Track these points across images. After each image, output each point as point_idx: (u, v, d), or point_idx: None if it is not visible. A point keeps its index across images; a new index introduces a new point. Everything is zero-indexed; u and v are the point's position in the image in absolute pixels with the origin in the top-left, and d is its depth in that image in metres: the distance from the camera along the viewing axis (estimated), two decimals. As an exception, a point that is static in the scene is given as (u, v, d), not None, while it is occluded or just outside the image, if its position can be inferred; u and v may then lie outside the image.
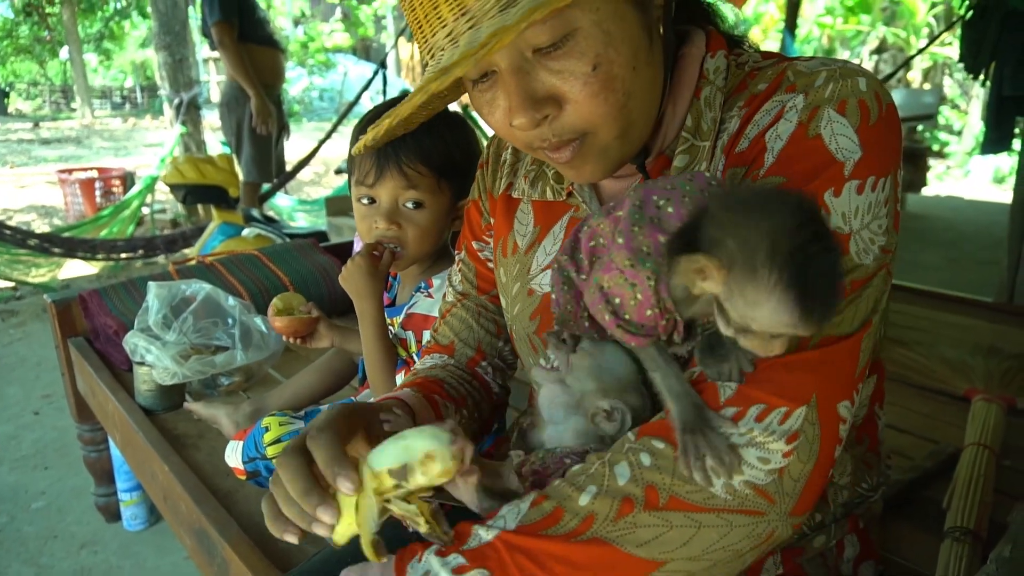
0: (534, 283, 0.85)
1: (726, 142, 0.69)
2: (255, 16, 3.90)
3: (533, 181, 0.86)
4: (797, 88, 0.65)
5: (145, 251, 4.18)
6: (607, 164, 0.70)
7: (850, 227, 0.61)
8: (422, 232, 1.14)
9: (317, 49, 15.70)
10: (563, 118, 0.64)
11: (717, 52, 0.73)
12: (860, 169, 0.62)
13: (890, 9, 11.72)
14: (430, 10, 0.62)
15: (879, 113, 0.63)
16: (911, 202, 6.60)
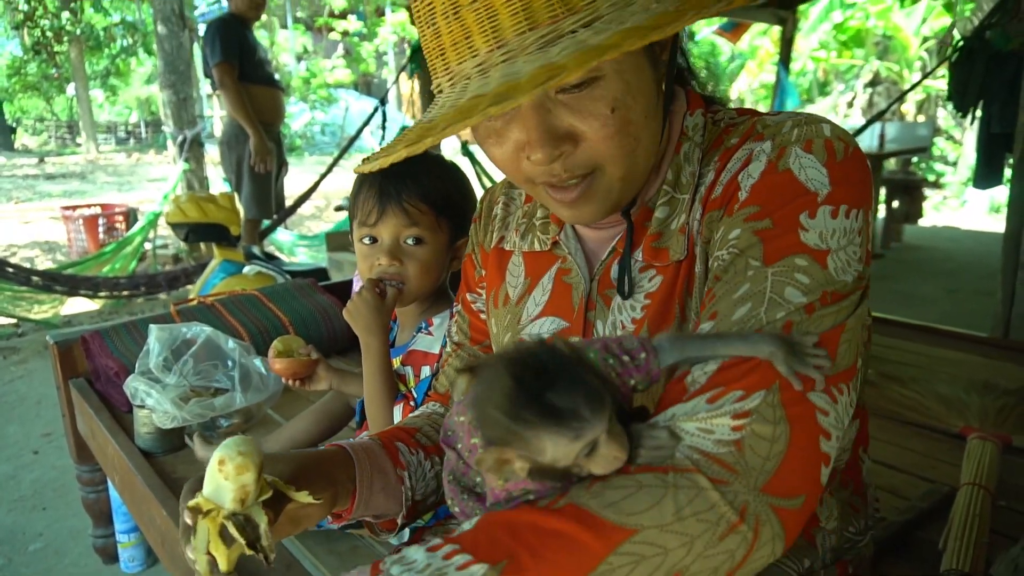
0: (524, 333, 0.87)
1: (703, 194, 0.72)
2: (256, 57, 3.98)
3: (524, 233, 0.89)
4: (765, 136, 0.69)
5: (147, 288, 4.21)
6: (607, 205, 0.72)
7: (827, 245, 0.63)
8: (423, 267, 1.17)
9: (319, 85, 15.94)
10: (577, 154, 0.67)
11: (696, 111, 0.77)
12: (833, 198, 0.64)
13: (883, 43, 11.92)
14: (460, 38, 0.63)
15: (845, 152, 0.66)
16: (908, 233, 6.65)
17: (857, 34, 12.01)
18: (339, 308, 2.12)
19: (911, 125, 7.03)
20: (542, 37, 0.59)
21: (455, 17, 0.62)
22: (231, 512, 0.64)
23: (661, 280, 0.74)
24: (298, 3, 18.04)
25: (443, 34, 0.64)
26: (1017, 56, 2.21)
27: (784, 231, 0.63)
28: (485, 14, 0.61)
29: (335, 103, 16.79)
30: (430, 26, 0.66)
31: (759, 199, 0.65)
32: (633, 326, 0.76)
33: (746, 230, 0.65)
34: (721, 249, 0.67)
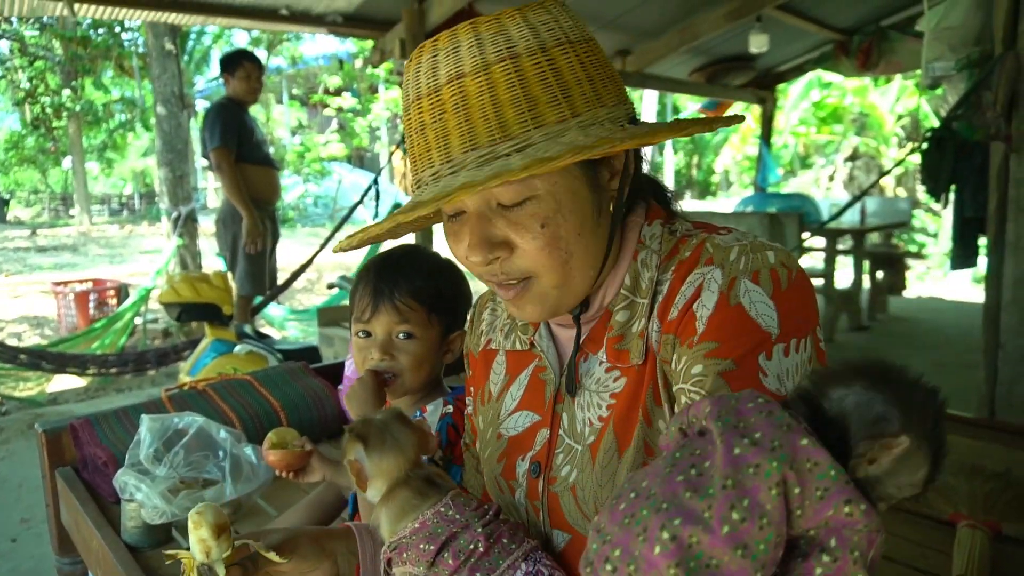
0: (503, 427, 0.92)
1: (660, 304, 0.77)
2: (254, 138, 4.11)
3: (507, 333, 0.96)
4: (714, 262, 0.74)
5: (136, 366, 4.19)
6: (545, 308, 0.79)
7: (785, 388, 0.67)
8: (414, 361, 1.21)
9: (313, 159, 16.26)
10: (512, 260, 0.75)
11: (654, 221, 0.83)
12: (784, 335, 0.69)
13: (860, 120, 12.37)
14: (423, 151, 0.74)
15: (789, 280, 0.71)
16: (894, 305, 6.75)
17: (835, 111, 12.50)
18: (331, 391, 2.13)
19: (891, 200, 7.25)
20: (481, 156, 0.69)
21: (421, 134, 0.74)
22: (199, 563, 0.81)
23: (625, 382, 0.79)
24: (294, 81, 18.60)
25: (414, 146, 0.76)
26: (983, 146, 2.32)
27: (748, 375, 0.68)
28: (441, 133, 0.72)
29: (328, 176, 17.10)
30: (409, 137, 0.77)
31: (717, 335, 0.70)
32: (600, 424, 0.80)
33: (710, 369, 0.69)
34: (686, 383, 0.71)
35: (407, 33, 4.59)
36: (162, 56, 6.05)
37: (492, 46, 0.70)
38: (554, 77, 0.70)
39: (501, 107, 0.69)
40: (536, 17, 0.72)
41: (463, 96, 0.70)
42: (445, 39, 0.72)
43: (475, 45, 0.70)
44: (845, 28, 6.31)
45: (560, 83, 0.70)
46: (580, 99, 0.71)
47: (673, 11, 5.44)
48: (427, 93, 0.72)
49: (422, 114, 0.73)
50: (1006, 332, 2.31)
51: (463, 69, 0.70)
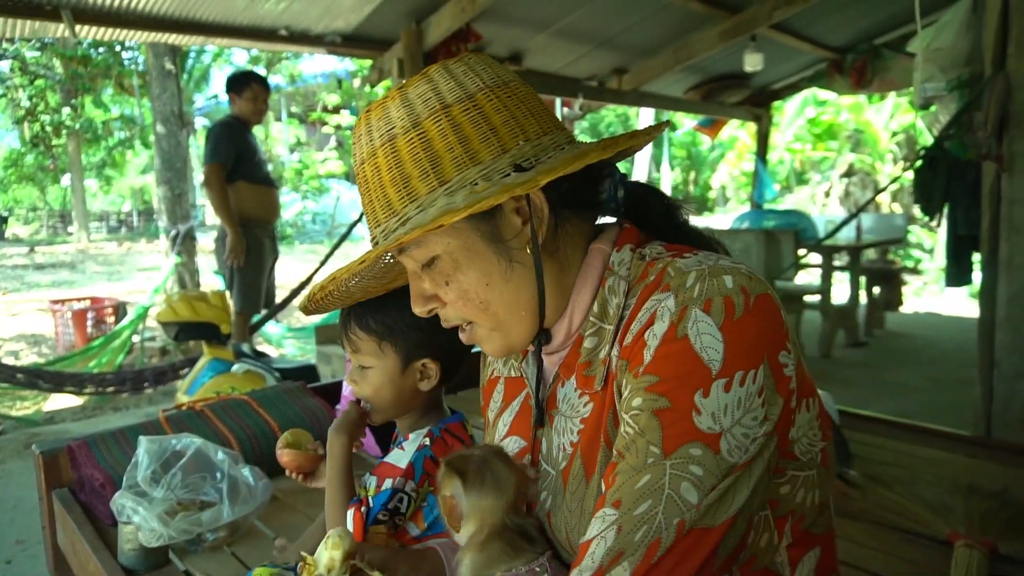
0: None
1: (621, 331, 0.77)
2: (255, 158, 4.14)
3: (505, 360, 0.98)
4: (671, 287, 0.72)
5: (134, 384, 4.19)
6: (496, 347, 0.85)
7: (720, 426, 0.66)
8: (374, 391, 1.22)
9: (311, 176, 16.32)
10: (446, 310, 0.84)
11: (624, 246, 0.82)
12: (727, 369, 0.67)
13: (855, 137, 12.45)
14: (370, 211, 0.81)
15: (745, 307, 0.69)
16: (891, 320, 6.76)
17: (830, 128, 12.58)
18: (328, 411, 2.13)
19: (887, 216, 7.28)
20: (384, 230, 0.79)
21: (363, 194, 0.83)
22: (317, 573, 0.90)
23: (592, 407, 0.80)
24: (293, 99, 18.71)
25: (365, 204, 0.83)
26: (975, 165, 2.34)
27: (680, 415, 0.67)
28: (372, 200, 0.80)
29: (326, 193, 17.16)
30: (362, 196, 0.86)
31: (659, 369, 0.69)
32: (571, 449, 0.82)
33: (646, 404, 0.69)
34: (625, 413, 0.71)
35: (405, 53, 4.63)
36: (162, 76, 6.09)
37: (377, 131, 0.79)
38: (424, 151, 0.76)
39: (385, 188, 0.78)
40: (415, 91, 0.78)
41: (376, 170, 0.80)
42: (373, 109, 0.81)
43: (372, 128, 0.80)
44: (839, 47, 6.37)
45: (430, 155, 0.76)
46: (450, 166, 0.75)
47: (668, 30, 5.50)
48: (358, 162, 0.83)
49: (364, 176, 0.82)
50: (1001, 350, 2.32)
51: (363, 154, 0.81)
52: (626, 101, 6.69)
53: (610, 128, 21.92)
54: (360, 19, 4.54)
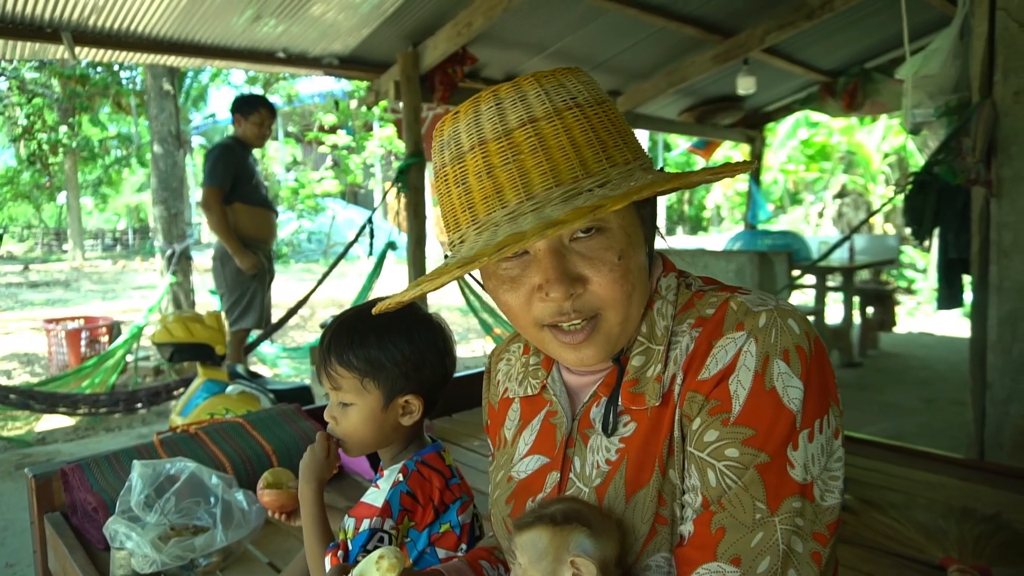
0: (514, 471, 0.95)
1: (683, 358, 0.79)
2: (254, 180, 4.17)
3: (521, 380, 0.99)
4: (745, 327, 0.76)
5: (127, 405, 4.17)
6: (607, 348, 0.81)
7: (811, 475, 0.72)
8: (352, 428, 1.18)
9: (307, 195, 16.36)
10: (585, 296, 0.77)
11: (670, 273, 0.87)
12: (808, 415, 0.72)
13: (847, 158, 12.56)
14: (491, 193, 0.74)
15: (811, 352, 0.75)
16: (884, 341, 6.78)
17: (823, 149, 12.70)
18: (323, 434, 2.14)
19: (880, 237, 7.34)
20: (566, 192, 0.72)
21: (488, 176, 0.75)
22: None
23: (635, 427, 0.81)
24: (290, 118, 18.80)
25: (474, 189, 0.76)
26: (965, 189, 2.38)
27: (779, 469, 0.72)
28: (517, 172, 0.74)
29: (322, 212, 17.19)
30: (460, 184, 0.77)
31: (752, 421, 0.73)
32: (608, 467, 0.82)
33: (746, 459, 0.72)
34: (714, 459, 0.74)
35: (401, 75, 4.68)
36: (160, 96, 6.13)
37: (557, 96, 0.75)
38: (612, 126, 0.76)
39: (579, 147, 0.73)
40: (579, 79, 0.79)
41: (540, 137, 0.74)
42: (507, 90, 0.76)
43: (542, 94, 0.75)
44: (830, 70, 6.46)
45: (618, 131, 0.77)
46: (634, 144, 0.78)
47: (662, 54, 5.57)
48: (494, 138, 0.75)
49: (489, 157, 0.75)
50: (993, 372, 2.34)
51: (535, 114, 0.74)
52: (621, 123, 6.74)
53: (605, 148, 22.05)
54: (357, 42, 4.59)
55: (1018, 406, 2.29)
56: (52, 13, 3.71)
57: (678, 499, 0.78)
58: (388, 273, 5.74)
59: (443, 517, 1.17)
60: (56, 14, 3.72)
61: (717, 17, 5.03)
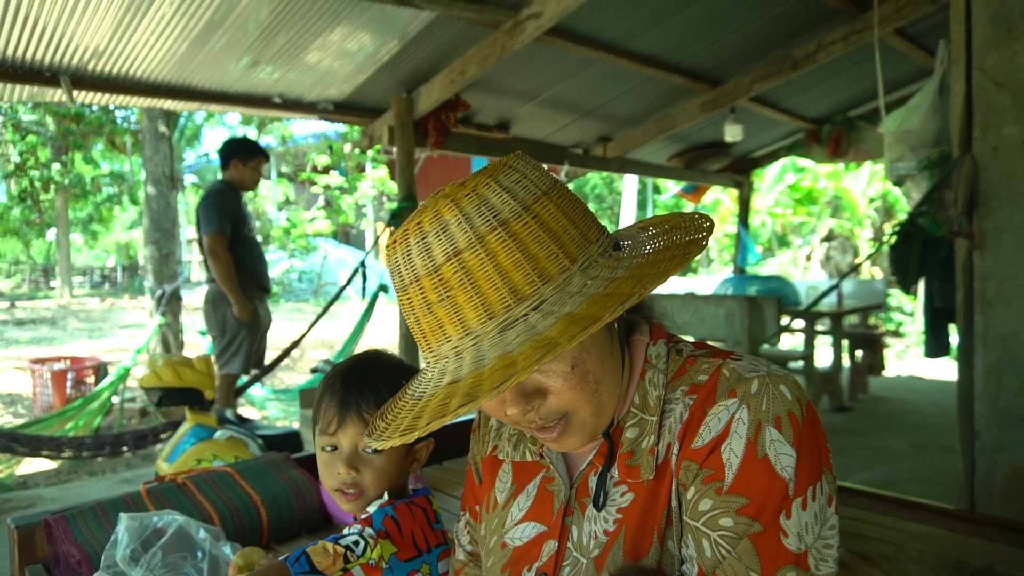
0: (507, 537, 0.93)
1: (677, 427, 0.80)
2: (248, 224, 4.21)
3: (516, 444, 0.97)
4: (737, 394, 0.77)
5: (112, 448, 4.11)
6: (585, 437, 0.81)
7: (805, 544, 0.72)
8: (379, 475, 1.17)
9: (299, 235, 16.40)
10: (547, 405, 0.78)
11: (659, 340, 0.87)
12: (801, 483, 0.73)
13: (834, 202, 12.77)
14: (435, 328, 0.75)
15: (803, 418, 0.75)
16: (874, 385, 6.80)
17: (810, 193, 12.91)
18: (312, 483, 2.11)
19: (867, 282, 7.42)
20: (500, 323, 0.71)
21: (429, 312, 0.75)
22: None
23: (632, 497, 0.81)
24: (283, 159, 18.94)
25: (421, 321, 0.76)
26: (949, 240, 2.42)
27: (772, 539, 0.72)
28: (452, 309, 0.73)
29: (313, 251, 17.20)
30: (411, 315, 0.77)
31: (745, 489, 0.74)
32: (606, 538, 0.82)
33: (740, 528, 0.73)
34: (709, 529, 0.75)
35: (395, 120, 4.76)
36: (155, 138, 6.19)
37: (480, 219, 0.73)
38: (543, 231, 0.73)
39: (507, 273, 0.71)
40: (508, 179, 0.75)
41: (466, 271, 0.72)
42: (430, 221, 0.74)
43: (463, 220, 0.73)
44: (815, 118, 6.61)
45: (550, 235, 0.73)
46: (571, 244, 0.74)
47: (651, 102, 5.69)
48: (426, 274, 0.74)
49: (425, 294, 0.74)
50: (980, 421, 2.35)
51: (459, 246, 0.72)
52: (611, 168, 6.86)
53: (595, 190, 22.31)
54: (352, 88, 4.67)
55: (1007, 455, 2.31)
56: (52, 58, 3.76)
57: (678, 570, 0.78)
58: (380, 314, 5.73)
59: (425, 557, 1.15)
60: (56, 59, 3.77)
61: (705, 67, 5.17)
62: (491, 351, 0.71)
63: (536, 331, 0.69)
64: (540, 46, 4.18)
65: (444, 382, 0.74)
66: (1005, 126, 2.21)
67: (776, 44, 4.89)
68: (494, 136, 5.62)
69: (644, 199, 17.99)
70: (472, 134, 5.43)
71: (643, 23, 4.30)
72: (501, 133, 5.67)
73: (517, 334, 0.70)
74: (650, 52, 4.72)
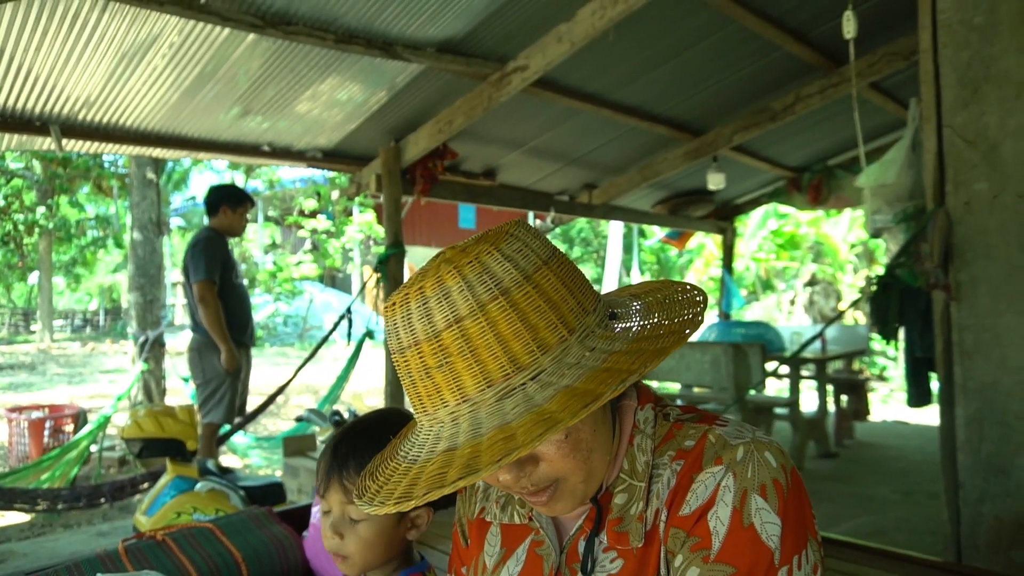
0: None
1: (665, 494, 0.80)
2: (234, 271, 4.21)
3: (504, 506, 0.97)
4: (724, 461, 0.78)
5: (89, 500, 4.02)
6: (575, 502, 0.82)
7: None
8: (364, 544, 1.14)
9: (285, 279, 16.37)
10: (539, 471, 0.79)
11: (646, 405, 0.87)
12: (786, 551, 0.74)
13: (815, 248, 12.96)
14: (433, 392, 0.75)
15: (788, 485, 0.77)
16: (860, 430, 6.81)
17: (792, 239, 13.11)
18: (295, 539, 2.07)
19: (850, 327, 7.51)
20: (497, 392, 0.72)
21: (427, 376, 0.75)
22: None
23: (622, 564, 0.81)
24: (270, 203, 19.02)
25: (420, 387, 0.77)
26: (926, 292, 2.47)
27: None
28: (450, 375, 0.73)
29: (299, 295, 17.15)
30: (408, 378, 0.78)
31: (732, 558, 0.74)
32: None
33: None
34: None
35: (383, 168, 4.81)
36: (142, 185, 6.21)
37: (481, 287, 0.73)
38: (543, 301, 0.74)
39: (507, 342, 0.72)
40: (510, 247, 0.76)
41: (466, 339, 0.72)
42: (432, 286, 0.75)
43: (465, 288, 0.73)
44: (795, 167, 6.76)
45: (550, 305, 0.74)
46: (570, 314, 0.75)
47: (635, 151, 5.81)
48: (425, 339, 0.74)
49: (424, 358, 0.74)
50: (964, 472, 2.36)
51: (460, 313, 0.73)
52: (596, 215, 6.95)
53: (581, 233, 22.52)
54: (341, 136, 4.74)
55: (990, 506, 2.31)
56: (43, 107, 3.80)
57: None
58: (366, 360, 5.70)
59: None
60: (47, 108, 3.81)
61: (687, 117, 5.30)
62: (489, 420, 0.71)
63: (534, 402, 0.70)
64: (526, 97, 4.28)
65: (439, 448, 0.74)
66: (976, 182, 2.28)
67: (755, 96, 5.03)
68: (481, 183, 5.69)
69: (630, 243, 18.17)
70: (459, 181, 5.50)
71: (626, 76, 4.42)
72: (488, 180, 5.75)
73: (515, 404, 0.71)
74: (633, 103, 4.84)
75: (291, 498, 3.89)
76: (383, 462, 0.85)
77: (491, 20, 3.55)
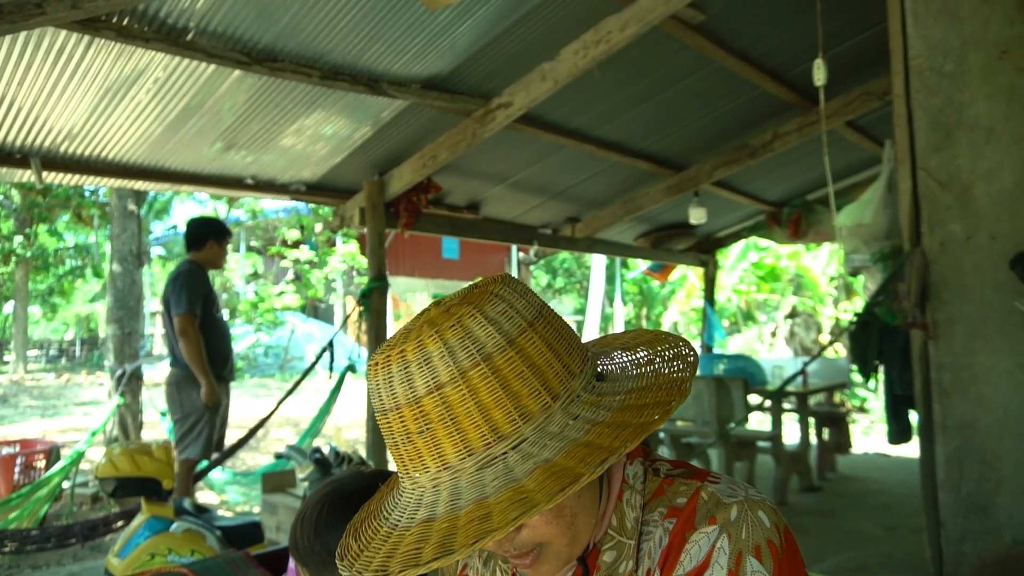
0: None
1: (658, 554, 0.79)
2: (216, 304, 4.19)
3: (486, 561, 0.95)
4: (717, 521, 0.77)
5: (59, 541, 3.90)
6: (560, 564, 0.81)
7: None
8: None
9: (266, 309, 16.23)
10: (522, 536, 0.77)
11: (635, 459, 0.86)
12: None
13: (796, 280, 13.11)
14: (415, 456, 0.74)
15: (782, 546, 0.76)
16: (842, 463, 6.83)
17: (773, 271, 13.26)
18: (272, 583, 2.03)
19: (831, 361, 7.56)
20: (478, 460, 0.72)
21: (409, 441, 0.75)
22: None
23: None
24: (253, 232, 18.94)
25: (402, 450, 0.76)
26: (904, 330, 2.50)
27: None
28: (432, 442, 0.73)
29: (281, 326, 17.00)
30: (391, 439, 0.77)
31: None
32: None
33: None
34: None
35: (367, 202, 4.82)
36: (123, 216, 6.16)
37: (463, 352, 0.71)
38: (527, 367, 0.72)
39: (487, 411, 0.71)
40: (494, 309, 0.74)
41: (447, 406, 0.71)
42: (413, 350, 0.73)
43: (446, 354, 0.72)
44: (775, 201, 6.87)
45: (534, 370, 0.73)
46: (554, 379, 0.74)
47: (617, 185, 5.87)
48: (406, 403, 0.73)
49: (406, 423, 0.74)
50: (945, 511, 2.37)
51: (440, 379, 0.71)
52: (579, 248, 6.99)
53: (564, 264, 22.62)
54: (325, 170, 4.75)
55: (971, 545, 2.32)
56: (24, 140, 3.77)
57: None
58: (348, 392, 5.64)
59: None
60: (28, 141, 3.79)
61: (668, 153, 5.38)
62: (468, 492, 0.70)
63: (514, 476, 0.69)
64: (510, 132, 4.33)
65: (419, 517, 0.73)
66: (950, 223, 2.33)
67: (734, 134, 5.13)
68: (465, 217, 5.72)
69: (612, 274, 18.27)
70: (443, 215, 5.52)
71: (608, 113, 4.49)
72: (472, 214, 5.77)
73: (495, 476, 0.70)
74: (615, 139, 4.91)
75: (269, 536, 3.81)
76: (368, 518, 0.84)
77: (476, 58, 3.61)
